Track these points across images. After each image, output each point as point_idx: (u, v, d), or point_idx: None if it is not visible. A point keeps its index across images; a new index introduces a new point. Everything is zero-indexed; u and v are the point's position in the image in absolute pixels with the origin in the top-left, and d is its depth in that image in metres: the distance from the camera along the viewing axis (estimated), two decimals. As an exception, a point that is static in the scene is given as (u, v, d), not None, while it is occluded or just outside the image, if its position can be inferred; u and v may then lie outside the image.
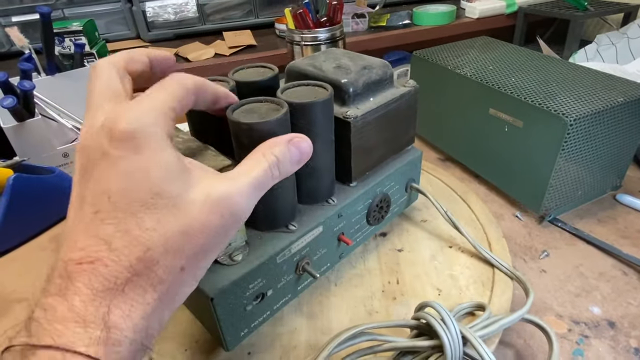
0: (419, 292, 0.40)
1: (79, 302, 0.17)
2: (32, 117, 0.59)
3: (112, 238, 0.18)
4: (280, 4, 1.22)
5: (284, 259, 0.34)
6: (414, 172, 0.45)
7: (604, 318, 0.39)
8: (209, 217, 0.20)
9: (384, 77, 0.39)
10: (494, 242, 0.45)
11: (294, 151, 0.24)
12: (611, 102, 0.44)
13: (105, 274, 0.18)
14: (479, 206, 0.50)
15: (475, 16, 1.16)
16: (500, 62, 0.56)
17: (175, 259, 0.19)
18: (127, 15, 1.15)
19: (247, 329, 0.34)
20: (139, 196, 0.19)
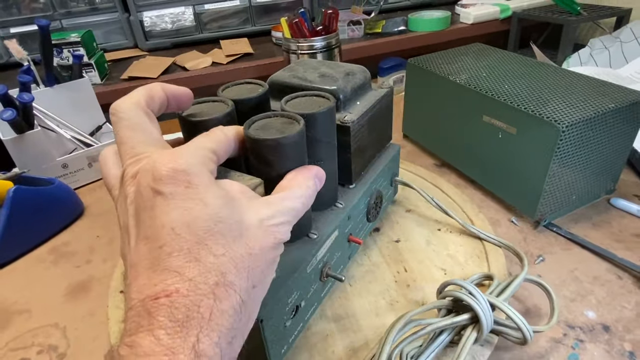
0: (427, 275, 0.43)
1: (164, 335, 0.18)
2: (32, 129, 0.60)
3: (184, 269, 0.19)
4: (276, 12, 1.23)
5: (312, 268, 0.34)
6: (395, 167, 0.49)
7: (598, 322, 0.40)
8: (265, 239, 0.22)
9: (365, 81, 0.41)
10: (474, 217, 0.49)
11: (319, 184, 0.28)
12: (603, 108, 0.45)
13: (186, 304, 0.18)
14: (451, 190, 0.55)
15: (470, 21, 1.17)
16: (493, 69, 0.57)
17: (248, 279, 0.20)
18: (125, 25, 1.16)
19: (287, 346, 0.33)
20: (203, 225, 0.20)
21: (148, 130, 0.23)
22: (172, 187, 0.20)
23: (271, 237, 0.22)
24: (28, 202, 0.51)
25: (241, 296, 0.20)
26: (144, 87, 0.25)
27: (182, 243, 0.19)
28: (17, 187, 0.50)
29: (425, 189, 0.53)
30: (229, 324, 0.19)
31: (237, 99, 0.34)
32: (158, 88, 0.26)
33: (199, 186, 0.20)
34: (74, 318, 0.43)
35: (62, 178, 0.64)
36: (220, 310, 0.19)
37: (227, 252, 0.20)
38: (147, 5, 1.15)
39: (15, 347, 0.40)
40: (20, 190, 0.50)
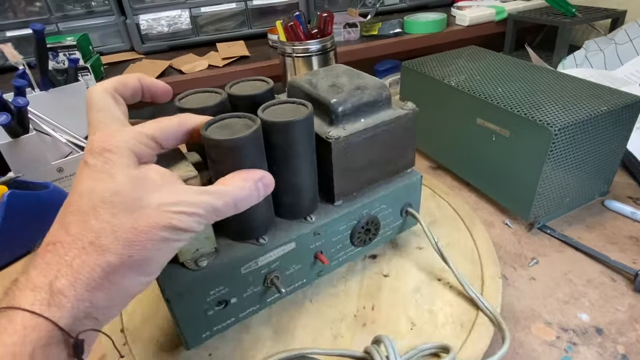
0: (391, 322, 0.38)
1: (34, 273, 0.21)
2: (27, 133, 0.60)
3: (71, 225, 0.22)
4: (273, 15, 1.24)
5: (249, 271, 0.35)
6: (411, 197, 0.43)
7: (591, 325, 0.40)
8: (157, 220, 0.23)
9: (379, 98, 0.38)
10: (488, 281, 0.41)
11: (261, 189, 0.28)
12: (595, 111, 0.45)
13: (61, 252, 0.22)
14: (484, 239, 0.46)
15: (466, 24, 1.18)
16: (487, 72, 0.57)
17: (123, 248, 0.22)
18: (121, 28, 1.16)
19: (210, 332, 0.36)
20: (101, 194, 0.23)
21: (110, 112, 0.26)
22: (94, 160, 0.23)
23: (164, 220, 0.23)
24: (22, 206, 0.51)
25: (109, 258, 0.22)
26: (121, 76, 0.29)
27: (80, 205, 0.23)
28: (12, 191, 0.50)
29: (454, 229, 0.48)
30: (89, 275, 0.21)
31: (237, 95, 0.36)
32: (134, 77, 0.29)
33: (115, 163, 0.23)
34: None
35: (58, 182, 0.63)
36: (83, 262, 0.22)
37: (112, 220, 0.22)
38: (144, 9, 1.15)
39: None
40: (15, 195, 0.50)
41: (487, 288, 0.41)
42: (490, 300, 0.39)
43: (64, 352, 0.21)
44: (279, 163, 0.34)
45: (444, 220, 0.50)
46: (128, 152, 0.24)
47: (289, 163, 0.34)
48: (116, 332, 0.39)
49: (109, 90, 0.27)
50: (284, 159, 0.33)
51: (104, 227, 0.22)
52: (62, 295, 0.21)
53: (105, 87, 0.27)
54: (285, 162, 0.34)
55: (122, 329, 0.39)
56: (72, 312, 0.21)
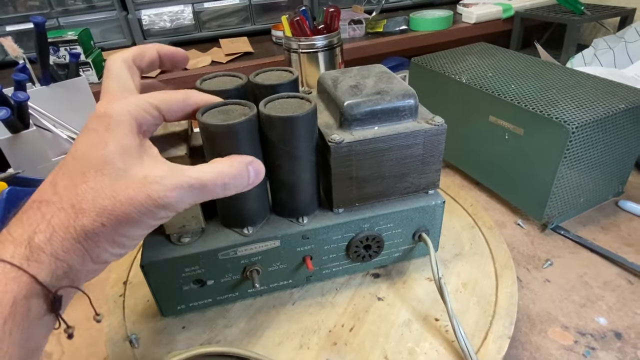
0: (363, 350, 0.35)
1: (16, 228, 0.22)
2: (27, 128, 0.58)
3: (60, 186, 0.23)
4: (276, 11, 1.22)
5: (227, 258, 0.35)
6: (428, 221, 0.39)
7: (610, 329, 0.39)
8: (137, 192, 0.23)
9: (400, 107, 0.35)
10: (492, 339, 0.35)
11: (252, 173, 0.27)
12: (613, 109, 0.44)
13: (44, 210, 0.22)
14: (509, 290, 0.39)
15: (472, 21, 1.16)
16: (499, 69, 0.56)
17: (99, 214, 0.23)
18: (123, 23, 1.14)
19: (185, 306, 0.37)
20: (92, 160, 0.23)
21: (123, 80, 0.27)
22: (95, 125, 0.24)
23: (144, 192, 0.23)
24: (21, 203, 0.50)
25: (83, 222, 0.22)
26: (139, 46, 0.30)
27: (72, 168, 0.23)
28: (11, 188, 0.49)
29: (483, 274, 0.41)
30: (66, 236, 0.22)
31: (260, 84, 0.35)
32: (152, 48, 0.30)
33: (113, 131, 0.24)
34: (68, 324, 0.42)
35: (58, 179, 0.62)
36: (61, 222, 0.22)
37: (95, 186, 0.23)
38: (146, 3, 1.13)
39: None
40: (14, 192, 0.49)
41: (488, 346, 0.34)
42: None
43: (44, 305, 0.22)
44: (275, 159, 0.33)
45: (472, 256, 0.43)
46: (129, 118, 0.25)
47: (285, 160, 0.33)
48: (119, 283, 0.42)
49: (127, 60, 0.28)
50: (280, 155, 0.32)
51: (87, 192, 0.23)
52: (40, 251, 0.21)
53: (124, 57, 0.28)
54: (281, 159, 0.33)
55: (125, 281, 0.42)
56: (50, 269, 0.22)
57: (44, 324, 0.22)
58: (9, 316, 0.20)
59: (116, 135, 0.24)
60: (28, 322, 0.21)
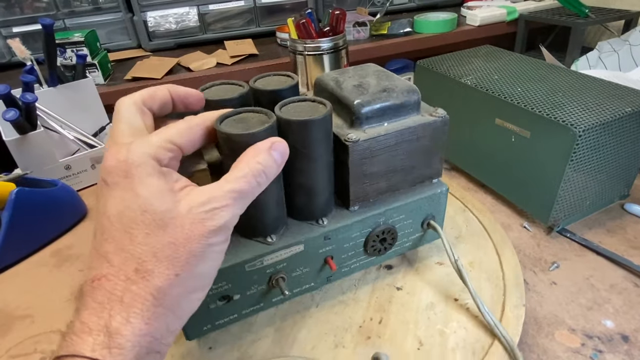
0: (397, 339, 0.36)
1: (86, 314, 0.20)
2: (34, 129, 0.59)
3: (111, 255, 0.21)
4: (281, 13, 1.23)
5: (254, 269, 0.34)
6: (434, 208, 0.41)
7: (617, 332, 0.39)
8: (193, 227, 0.22)
9: (406, 103, 0.36)
10: (509, 308, 0.38)
11: (277, 156, 0.26)
12: (619, 112, 0.44)
13: (108, 287, 0.21)
14: (512, 262, 0.43)
15: (477, 24, 1.16)
16: (504, 72, 0.56)
17: (168, 267, 0.21)
18: (129, 25, 1.15)
19: (211, 325, 0.35)
20: (130, 215, 0.22)
21: (133, 123, 0.25)
22: (114, 178, 0.22)
23: (199, 225, 0.22)
24: (30, 204, 0.50)
25: (157, 283, 0.21)
26: (150, 87, 0.28)
27: (113, 231, 0.22)
28: (20, 189, 0.49)
29: (481, 250, 0.44)
30: (142, 306, 0.21)
31: (260, 89, 0.35)
32: (163, 89, 0.28)
33: (135, 176, 0.22)
34: None
35: (65, 179, 0.63)
36: (133, 293, 0.21)
37: (149, 241, 0.21)
38: (151, 5, 1.14)
39: (16, 354, 0.39)
40: (23, 192, 0.49)
41: (507, 316, 0.37)
42: (509, 329, 0.35)
43: None
44: (294, 162, 0.32)
45: (471, 237, 0.47)
46: (147, 159, 0.23)
47: (303, 163, 0.33)
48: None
49: (137, 103, 0.26)
50: (298, 158, 0.32)
51: (143, 250, 0.21)
52: (120, 336, 0.20)
53: (134, 100, 0.26)
54: (300, 162, 0.33)
55: None
56: (133, 352, 0.20)
57: None
58: None
59: (141, 180, 0.22)
60: None
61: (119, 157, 0.22)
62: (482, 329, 0.36)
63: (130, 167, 0.22)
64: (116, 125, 0.25)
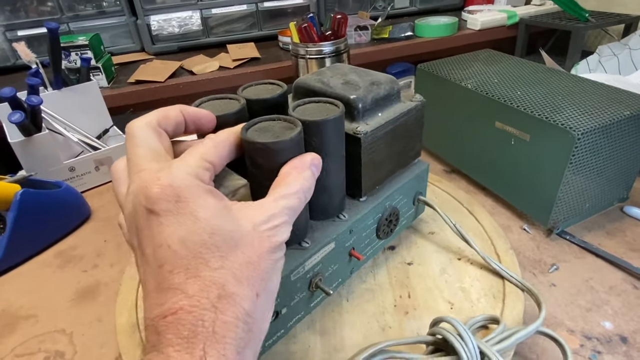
0: (431, 305, 0.40)
1: (173, 352, 0.18)
2: (39, 131, 0.59)
3: (185, 285, 0.19)
4: (283, 17, 1.24)
5: (298, 277, 0.34)
6: (421, 185, 0.45)
7: (616, 333, 0.39)
8: (262, 243, 0.21)
9: (392, 92, 0.39)
10: (502, 253, 0.44)
11: (316, 172, 0.27)
12: (618, 115, 0.45)
13: (191, 320, 0.19)
14: (487, 219, 0.49)
15: (477, 28, 1.17)
16: (504, 75, 0.57)
17: (249, 288, 0.20)
18: (132, 28, 1.16)
19: (262, 348, 0.33)
20: (196, 239, 0.20)
21: (153, 146, 0.24)
22: (164, 204, 0.20)
23: (267, 242, 0.22)
24: (35, 205, 0.51)
25: (244, 306, 0.20)
26: (162, 108, 0.26)
27: (179, 260, 0.20)
28: (25, 190, 0.50)
29: (458, 214, 0.51)
30: (235, 335, 0.19)
31: (253, 99, 0.35)
32: (176, 109, 0.27)
33: (188, 199, 0.20)
34: (80, 324, 0.42)
35: (69, 181, 0.63)
36: (224, 322, 0.19)
37: (225, 263, 0.20)
38: (155, 9, 1.15)
39: (21, 353, 0.40)
40: (28, 194, 0.50)
41: (504, 259, 0.43)
42: (511, 270, 0.41)
43: None
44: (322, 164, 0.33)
45: (444, 205, 0.53)
46: (193, 179, 0.21)
47: (327, 162, 0.33)
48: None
49: (151, 124, 0.25)
50: (324, 159, 0.32)
51: (222, 274, 0.20)
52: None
53: (148, 121, 0.25)
54: (326, 163, 0.33)
55: None
56: None
57: None
58: None
59: (196, 202, 0.21)
60: None
61: (161, 182, 0.20)
62: (492, 276, 0.42)
63: (179, 191, 0.20)
64: (133, 149, 0.23)
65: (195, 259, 0.20)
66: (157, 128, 0.25)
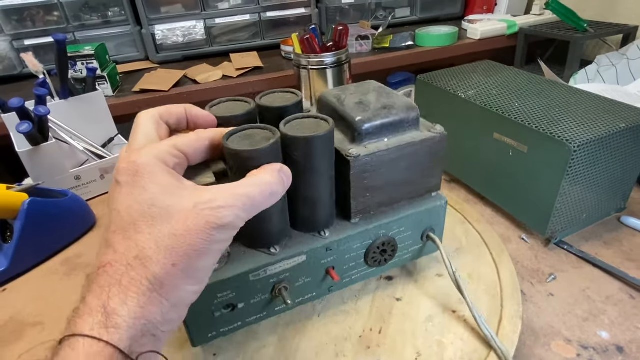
0: (396, 349, 0.37)
1: (90, 298, 0.22)
2: (46, 141, 0.61)
3: (117, 244, 0.23)
4: (285, 26, 1.25)
5: (258, 279, 0.35)
6: (434, 221, 0.42)
7: (612, 343, 0.40)
8: (195, 221, 0.23)
9: (405, 119, 0.37)
10: (506, 320, 0.39)
11: (285, 178, 0.28)
12: (614, 128, 0.45)
13: (111, 272, 0.22)
14: (510, 273, 0.44)
15: (477, 37, 1.18)
16: (503, 87, 0.58)
17: (166, 257, 0.23)
18: (137, 37, 1.18)
19: (216, 333, 0.36)
20: (138, 208, 0.23)
21: (148, 133, 0.28)
22: (124, 177, 0.24)
23: (201, 220, 0.23)
24: (42, 214, 0.52)
25: (153, 270, 0.22)
26: (168, 105, 0.30)
27: (121, 223, 0.23)
28: (32, 199, 0.51)
29: (479, 261, 0.46)
30: (138, 290, 0.22)
31: (266, 106, 0.36)
32: (180, 107, 0.31)
33: (144, 175, 0.24)
34: None
35: (75, 190, 0.64)
36: (131, 277, 0.22)
37: (152, 231, 0.23)
38: (159, 19, 1.16)
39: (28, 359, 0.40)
40: (35, 203, 0.51)
41: (504, 328, 0.38)
42: (505, 342, 0.36)
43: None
44: (298, 177, 0.34)
45: (470, 249, 0.48)
46: (155, 161, 0.25)
47: (307, 177, 0.34)
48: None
49: (154, 116, 0.29)
50: (302, 173, 0.34)
51: (146, 239, 0.23)
52: (116, 315, 0.21)
53: (152, 113, 0.29)
54: (304, 176, 0.34)
55: None
56: (129, 332, 0.21)
57: None
58: None
59: (150, 177, 0.24)
60: None
61: (129, 159, 0.25)
62: (479, 341, 0.37)
63: (138, 167, 0.24)
64: (133, 135, 0.28)
65: (133, 225, 0.23)
66: (158, 120, 0.29)
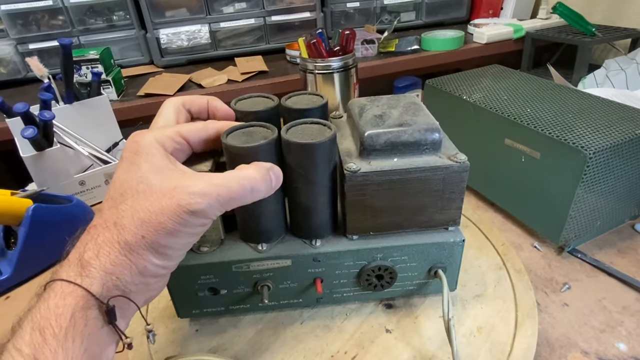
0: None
1: (73, 252, 0.25)
2: (51, 146, 0.60)
3: (105, 210, 0.26)
4: (290, 30, 1.25)
5: (240, 271, 0.36)
6: (445, 258, 0.38)
7: (631, 355, 0.38)
8: (168, 202, 0.25)
9: (421, 141, 0.34)
10: None
11: (273, 177, 0.29)
12: (630, 134, 0.44)
13: (92, 232, 0.25)
14: (527, 344, 0.37)
15: (484, 41, 1.18)
16: (513, 92, 0.57)
17: (138, 228, 0.25)
18: (142, 41, 1.18)
19: (199, 311, 0.39)
20: (129, 182, 0.26)
21: (168, 118, 0.31)
22: (127, 154, 0.27)
23: (174, 202, 0.25)
24: (46, 220, 0.51)
25: (124, 236, 0.25)
26: (194, 95, 0.34)
27: (114, 193, 0.26)
28: (37, 205, 0.50)
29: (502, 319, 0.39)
30: (110, 250, 0.25)
31: (292, 108, 0.37)
32: (203, 98, 0.34)
33: (141, 154, 0.27)
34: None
35: (79, 195, 0.64)
36: (106, 238, 0.25)
37: (133, 204, 0.25)
38: (164, 23, 1.16)
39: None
40: (40, 209, 0.50)
41: None
42: None
43: (100, 315, 0.24)
44: (293, 181, 0.34)
45: (494, 300, 0.41)
46: (155, 143, 0.28)
47: (300, 184, 0.34)
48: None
49: (177, 103, 0.32)
50: (297, 178, 0.33)
51: (126, 210, 0.25)
52: (90, 266, 0.24)
53: (175, 100, 0.32)
54: (298, 182, 0.33)
55: None
56: (101, 281, 0.24)
57: (104, 335, 0.25)
58: (70, 326, 0.23)
59: (146, 157, 0.27)
60: (87, 331, 0.24)
61: (134, 139, 0.28)
62: None
63: (139, 147, 0.27)
64: (156, 118, 0.31)
65: (120, 196, 0.26)
66: (179, 107, 0.32)
